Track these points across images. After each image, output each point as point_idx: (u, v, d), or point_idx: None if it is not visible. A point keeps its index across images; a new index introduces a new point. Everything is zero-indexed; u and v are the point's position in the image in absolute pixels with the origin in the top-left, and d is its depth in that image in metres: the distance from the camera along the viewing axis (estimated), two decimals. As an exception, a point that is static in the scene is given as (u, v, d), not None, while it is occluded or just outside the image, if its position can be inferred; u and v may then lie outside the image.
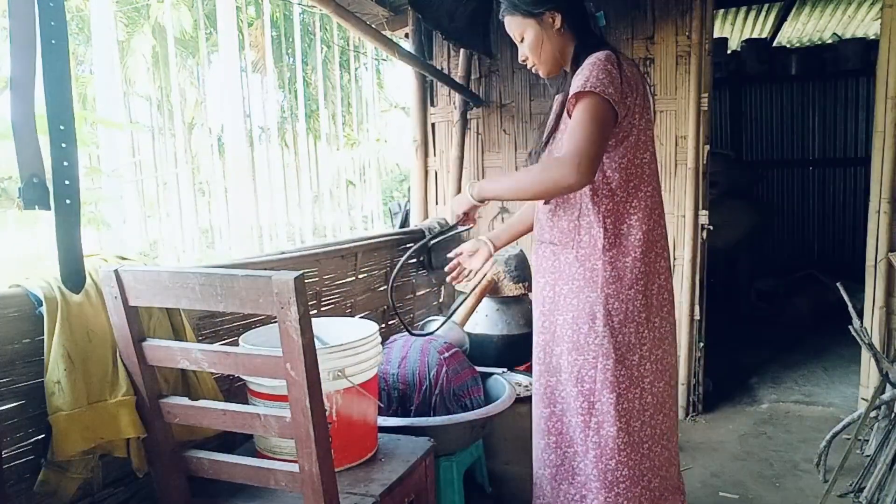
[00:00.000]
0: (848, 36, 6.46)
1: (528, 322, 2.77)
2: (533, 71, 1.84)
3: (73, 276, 1.11)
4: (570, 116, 1.68)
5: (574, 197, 1.76)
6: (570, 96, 1.65)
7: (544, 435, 1.87)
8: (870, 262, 3.15)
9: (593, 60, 1.66)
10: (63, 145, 1.06)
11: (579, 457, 1.81)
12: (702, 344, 3.37)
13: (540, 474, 1.89)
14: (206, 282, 1.27)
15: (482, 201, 1.84)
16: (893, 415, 2.68)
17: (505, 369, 2.48)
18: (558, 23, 1.75)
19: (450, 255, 2.11)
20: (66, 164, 1.07)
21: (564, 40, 1.77)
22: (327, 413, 1.50)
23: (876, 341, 3.06)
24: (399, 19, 3.44)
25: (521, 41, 1.80)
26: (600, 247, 1.73)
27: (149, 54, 11.90)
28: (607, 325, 1.73)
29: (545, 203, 1.84)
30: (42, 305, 1.35)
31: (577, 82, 1.64)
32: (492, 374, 2.40)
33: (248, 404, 1.60)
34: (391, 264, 2.98)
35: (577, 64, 1.74)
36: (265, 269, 1.70)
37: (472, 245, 2.06)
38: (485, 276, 2.76)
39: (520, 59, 1.85)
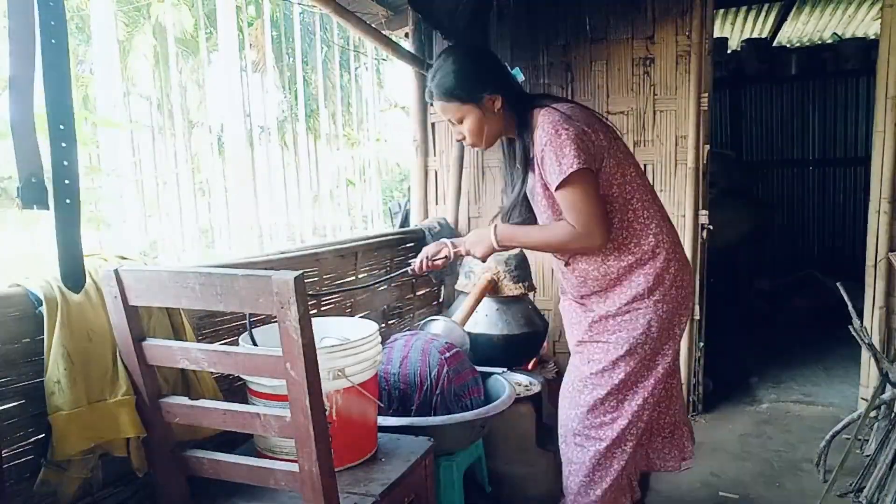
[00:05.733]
0: (848, 36, 6.46)
1: (528, 322, 2.79)
2: (470, 148, 1.89)
3: (73, 275, 1.11)
4: (548, 189, 1.73)
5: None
6: (553, 188, 1.69)
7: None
8: (870, 262, 3.15)
9: (548, 139, 1.67)
10: (63, 145, 1.06)
11: None
12: (702, 344, 3.37)
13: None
14: (206, 282, 1.27)
15: (502, 247, 1.87)
16: (893, 415, 2.68)
17: (505, 369, 2.48)
18: (499, 104, 1.77)
19: (414, 261, 2.05)
20: (65, 163, 1.07)
21: (505, 117, 1.80)
22: (327, 413, 1.50)
23: (876, 341, 3.06)
24: (399, 19, 3.44)
25: (459, 123, 1.80)
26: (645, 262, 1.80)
27: (149, 54, 11.89)
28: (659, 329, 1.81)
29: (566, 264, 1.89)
30: (42, 305, 1.35)
31: (549, 172, 1.68)
32: (492, 374, 2.40)
33: (248, 404, 1.60)
34: (391, 264, 2.98)
35: (524, 126, 1.77)
36: (265, 268, 1.70)
37: (436, 247, 2.02)
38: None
39: (456, 137, 1.86)
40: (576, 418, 1.89)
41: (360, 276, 2.71)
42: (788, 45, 6.77)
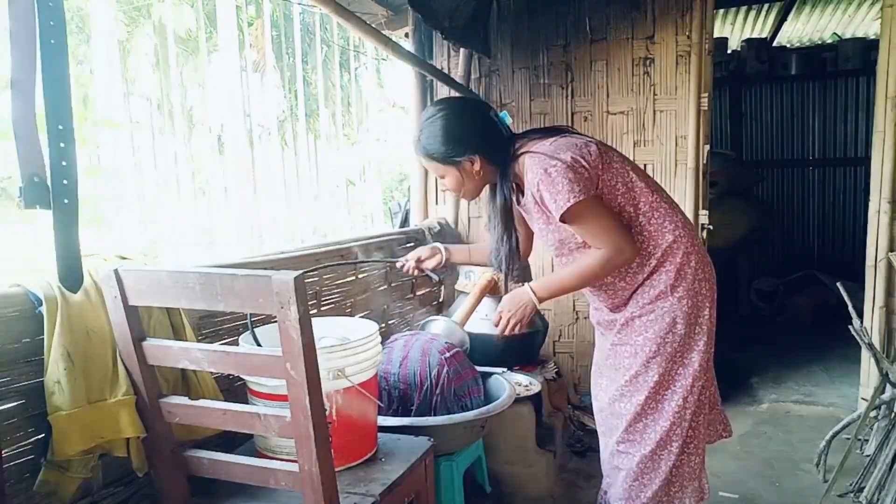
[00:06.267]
0: (848, 36, 6.46)
1: (528, 322, 2.78)
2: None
3: (71, 275, 1.11)
4: (552, 223, 1.78)
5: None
6: (558, 218, 1.71)
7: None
8: (870, 262, 3.15)
9: (539, 179, 1.70)
10: (62, 145, 1.06)
11: None
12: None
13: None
14: (206, 281, 1.27)
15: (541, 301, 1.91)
16: (893, 415, 2.68)
17: (505, 369, 2.48)
18: (478, 165, 1.82)
19: (406, 257, 2.18)
20: (64, 163, 1.07)
21: (486, 172, 1.85)
22: (327, 413, 1.50)
23: (876, 341, 3.06)
24: (399, 19, 3.44)
25: (441, 178, 1.89)
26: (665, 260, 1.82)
27: (150, 54, 11.88)
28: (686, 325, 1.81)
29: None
30: (42, 305, 1.35)
31: (552, 209, 1.70)
32: (492, 374, 2.40)
33: (248, 404, 1.60)
34: (391, 264, 2.98)
35: (505, 178, 1.82)
36: (265, 269, 1.70)
37: (430, 250, 2.16)
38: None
39: (441, 188, 1.93)
40: (618, 427, 1.89)
41: (360, 277, 2.71)
42: (788, 45, 6.77)
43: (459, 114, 1.85)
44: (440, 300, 3.50)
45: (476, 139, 1.81)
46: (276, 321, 1.23)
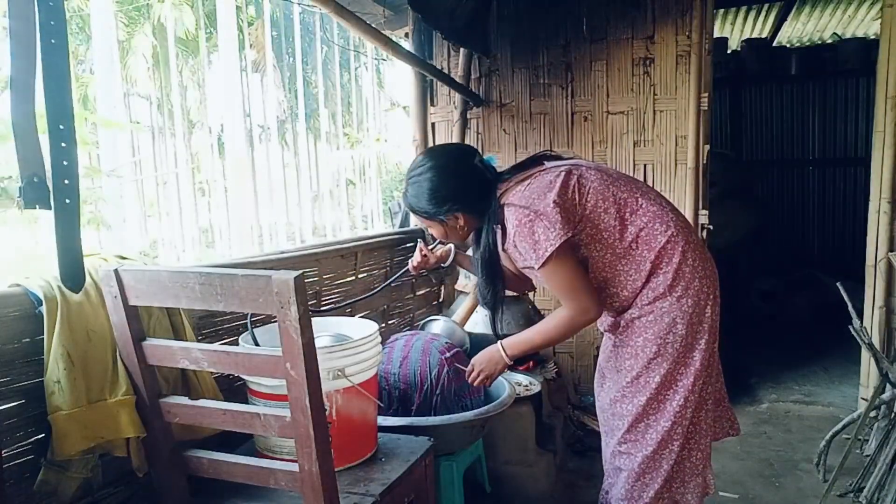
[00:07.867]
0: (848, 36, 6.46)
1: (528, 322, 2.79)
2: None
3: (73, 275, 1.11)
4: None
5: (618, 269, 1.82)
6: (537, 269, 1.75)
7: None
8: (870, 261, 3.15)
9: (515, 231, 1.75)
10: (63, 145, 1.06)
11: None
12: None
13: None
14: (206, 281, 1.27)
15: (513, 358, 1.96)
16: (893, 414, 2.68)
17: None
18: (461, 221, 1.86)
19: (412, 259, 2.21)
20: (65, 163, 1.07)
21: (471, 223, 1.88)
22: (327, 413, 1.50)
23: (876, 341, 3.06)
24: (399, 19, 3.44)
25: (427, 227, 1.96)
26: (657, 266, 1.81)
27: (149, 54, 11.89)
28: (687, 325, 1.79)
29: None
30: (42, 305, 1.35)
31: (524, 258, 1.76)
32: (492, 373, 2.40)
33: (248, 404, 1.60)
34: (391, 264, 2.98)
35: (490, 225, 1.84)
36: (265, 268, 1.70)
37: (446, 250, 2.20)
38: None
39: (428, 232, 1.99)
40: (619, 428, 1.88)
41: (360, 277, 2.71)
42: (788, 45, 6.76)
43: (445, 171, 1.86)
44: (440, 300, 3.50)
45: (461, 196, 1.84)
46: (276, 321, 1.23)
